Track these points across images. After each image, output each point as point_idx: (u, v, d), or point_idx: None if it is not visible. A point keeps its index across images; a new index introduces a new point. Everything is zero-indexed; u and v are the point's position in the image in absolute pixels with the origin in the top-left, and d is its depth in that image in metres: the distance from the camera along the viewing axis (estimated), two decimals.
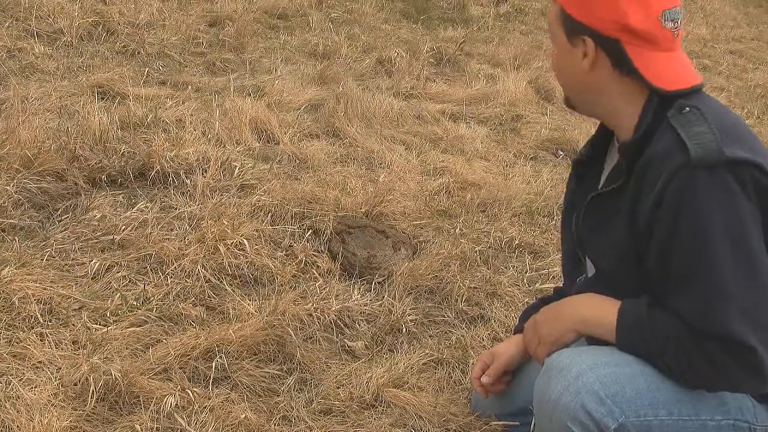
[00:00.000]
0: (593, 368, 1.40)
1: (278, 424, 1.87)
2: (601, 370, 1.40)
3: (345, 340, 2.26)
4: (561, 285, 1.87)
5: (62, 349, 2.00)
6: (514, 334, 1.88)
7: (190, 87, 4.02)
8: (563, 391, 1.40)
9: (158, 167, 2.91)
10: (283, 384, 2.03)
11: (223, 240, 2.49)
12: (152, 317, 2.19)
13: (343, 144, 3.67)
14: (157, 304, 2.23)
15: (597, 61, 1.50)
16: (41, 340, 2.02)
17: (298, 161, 3.37)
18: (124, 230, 2.54)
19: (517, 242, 2.93)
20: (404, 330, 2.33)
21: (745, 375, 1.35)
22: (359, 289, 2.50)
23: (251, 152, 3.34)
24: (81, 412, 1.79)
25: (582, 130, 4.31)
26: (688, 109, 1.43)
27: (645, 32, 1.44)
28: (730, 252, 1.34)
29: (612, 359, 1.43)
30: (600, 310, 1.50)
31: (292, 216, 2.79)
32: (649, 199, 1.39)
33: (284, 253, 2.60)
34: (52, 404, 1.78)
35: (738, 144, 1.37)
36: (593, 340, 1.54)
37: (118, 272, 2.36)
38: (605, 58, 1.49)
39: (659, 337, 1.40)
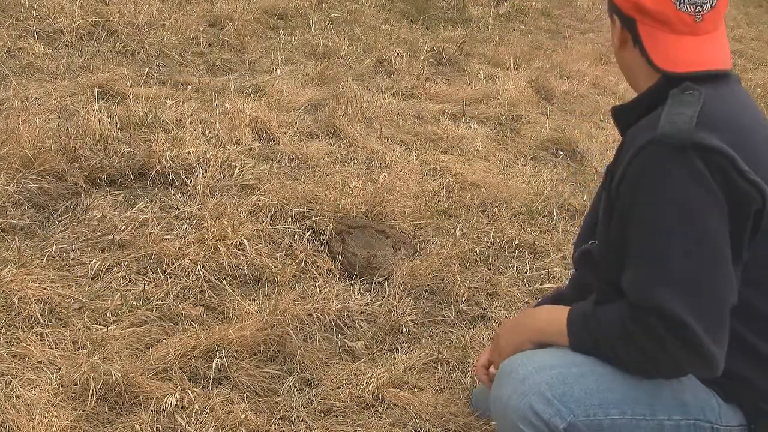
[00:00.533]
0: (540, 370, 1.42)
1: (278, 424, 1.87)
2: (548, 371, 1.41)
3: (345, 340, 2.26)
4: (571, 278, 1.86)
5: (62, 349, 2.00)
6: None
7: (190, 87, 4.02)
8: (511, 393, 1.42)
9: (158, 167, 2.91)
10: (283, 384, 2.03)
11: (223, 240, 2.49)
12: (152, 317, 2.19)
13: (343, 144, 3.67)
14: (157, 304, 2.24)
15: (624, 39, 1.51)
16: (41, 340, 2.02)
17: (298, 161, 3.37)
18: (124, 230, 2.54)
19: (517, 242, 2.93)
20: (404, 330, 2.33)
21: (686, 354, 1.32)
22: (359, 289, 2.50)
23: (251, 152, 3.34)
24: (81, 412, 1.79)
25: (582, 130, 4.31)
26: (691, 91, 1.42)
27: (657, 13, 1.44)
28: (680, 230, 1.32)
29: (562, 361, 1.43)
30: (554, 317, 1.51)
31: (292, 216, 2.79)
32: (618, 174, 1.40)
33: (284, 253, 2.60)
34: (52, 404, 1.79)
35: (720, 134, 1.35)
36: None
37: (118, 272, 2.36)
38: (629, 37, 1.50)
39: (604, 327, 1.40)
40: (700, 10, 1.45)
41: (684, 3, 1.44)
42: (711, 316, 1.31)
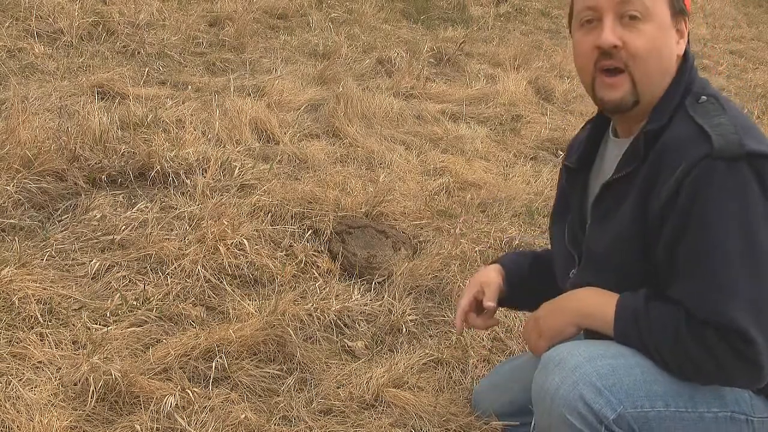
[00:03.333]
0: (590, 360, 1.41)
1: (278, 424, 1.87)
2: (599, 362, 1.41)
3: (345, 340, 2.26)
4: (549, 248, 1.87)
5: (62, 349, 2.00)
6: (492, 263, 1.88)
7: (190, 87, 4.02)
8: (561, 383, 1.40)
9: (158, 167, 2.91)
10: (283, 384, 2.03)
11: (223, 240, 2.49)
12: (152, 317, 2.18)
13: (343, 144, 3.67)
14: (157, 304, 2.23)
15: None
16: (41, 340, 2.02)
17: (298, 161, 3.37)
18: (124, 230, 2.54)
19: (517, 242, 2.93)
20: (404, 330, 2.33)
21: (741, 367, 1.35)
22: (359, 289, 2.50)
23: (251, 152, 3.34)
24: (81, 412, 1.79)
25: None
26: (705, 98, 1.44)
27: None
28: (739, 245, 1.34)
29: (609, 352, 1.43)
30: (600, 304, 1.50)
31: (292, 216, 2.79)
32: (666, 187, 1.39)
33: (284, 253, 2.60)
34: (52, 404, 1.78)
35: (756, 138, 1.38)
36: (591, 335, 1.54)
37: (118, 272, 2.36)
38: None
39: (656, 329, 1.40)
40: None
41: None
42: None
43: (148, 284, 2.33)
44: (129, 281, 2.34)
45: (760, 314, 1.33)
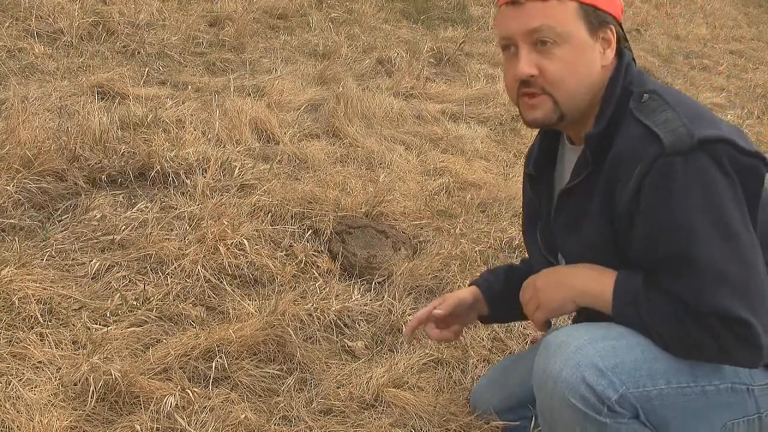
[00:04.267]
0: (591, 342, 1.41)
1: (278, 424, 1.87)
2: (600, 343, 1.41)
3: (345, 340, 2.26)
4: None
5: (62, 349, 2.00)
6: (469, 285, 1.88)
7: (190, 87, 4.02)
8: (563, 365, 1.40)
9: (158, 167, 2.91)
10: (283, 384, 2.03)
11: (223, 240, 2.49)
12: (152, 317, 2.19)
13: (343, 144, 3.67)
14: (157, 304, 2.24)
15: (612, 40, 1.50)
16: (41, 340, 2.02)
17: (298, 161, 3.37)
18: (124, 230, 2.54)
19: (517, 242, 2.93)
20: (404, 330, 2.33)
21: (742, 347, 1.36)
22: (359, 289, 2.50)
23: (251, 152, 3.34)
24: (81, 412, 1.79)
25: None
26: (647, 96, 1.44)
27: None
28: (713, 233, 1.35)
29: (609, 333, 1.43)
30: (600, 283, 1.49)
31: (292, 216, 2.79)
32: (626, 191, 1.40)
33: (284, 253, 2.60)
34: (52, 404, 1.79)
35: (704, 123, 1.38)
36: (586, 311, 1.55)
37: (118, 272, 2.36)
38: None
39: (654, 312, 1.41)
40: None
41: None
42: (763, 307, 1.36)
43: (148, 284, 2.33)
44: (129, 281, 2.34)
45: (750, 297, 1.35)
